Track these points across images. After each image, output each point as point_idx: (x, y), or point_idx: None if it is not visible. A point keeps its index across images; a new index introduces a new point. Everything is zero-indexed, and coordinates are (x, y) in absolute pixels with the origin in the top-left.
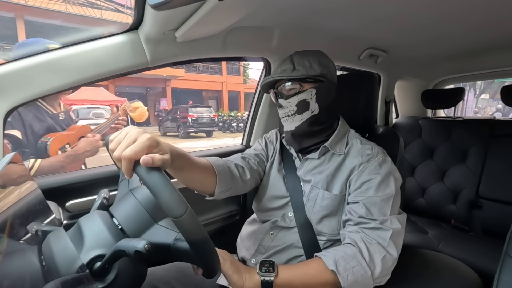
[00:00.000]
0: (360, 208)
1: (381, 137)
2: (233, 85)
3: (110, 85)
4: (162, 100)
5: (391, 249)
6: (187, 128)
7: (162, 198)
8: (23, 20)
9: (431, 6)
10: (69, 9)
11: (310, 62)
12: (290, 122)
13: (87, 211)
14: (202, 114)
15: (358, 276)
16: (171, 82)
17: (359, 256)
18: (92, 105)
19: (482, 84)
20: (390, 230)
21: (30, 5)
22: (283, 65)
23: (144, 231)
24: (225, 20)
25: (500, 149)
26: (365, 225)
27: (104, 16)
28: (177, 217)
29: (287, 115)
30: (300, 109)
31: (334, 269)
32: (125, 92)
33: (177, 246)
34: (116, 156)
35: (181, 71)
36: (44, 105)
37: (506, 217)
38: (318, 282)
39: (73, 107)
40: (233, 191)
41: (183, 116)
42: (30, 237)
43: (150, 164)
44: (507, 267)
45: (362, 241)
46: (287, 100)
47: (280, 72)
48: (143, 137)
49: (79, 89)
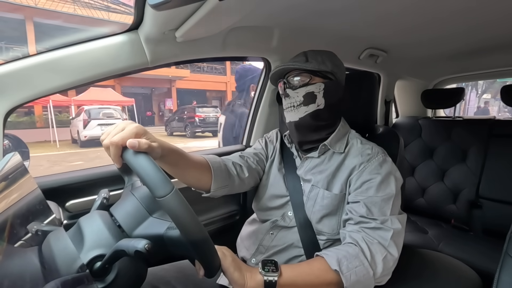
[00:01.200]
0: (361, 207)
1: (381, 137)
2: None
3: (117, 85)
4: (167, 101)
5: (392, 249)
6: (194, 128)
7: (146, 178)
8: (32, 22)
9: (431, 6)
10: (78, 11)
11: (323, 58)
12: (294, 112)
13: (87, 211)
14: (209, 114)
15: (360, 276)
16: (176, 82)
17: (362, 256)
18: (102, 106)
19: (484, 84)
20: (391, 230)
21: (40, 7)
22: (296, 57)
23: (139, 225)
24: (225, 20)
25: (500, 149)
26: (366, 224)
27: (112, 18)
28: (161, 196)
29: (293, 105)
30: (307, 100)
31: (337, 268)
32: (130, 92)
33: (169, 234)
34: (105, 144)
35: (186, 72)
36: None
37: (506, 217)
38: (321, 281)
39: (85, 107)
40: (230, 189)
41: (190, 116)
42: (30, 237)
43: (136, 148)
44: (507, 267)
45: (364, 241)
46: (294, 91)
47: (292, 63)
48: (131, 125)
49: (88, 90)
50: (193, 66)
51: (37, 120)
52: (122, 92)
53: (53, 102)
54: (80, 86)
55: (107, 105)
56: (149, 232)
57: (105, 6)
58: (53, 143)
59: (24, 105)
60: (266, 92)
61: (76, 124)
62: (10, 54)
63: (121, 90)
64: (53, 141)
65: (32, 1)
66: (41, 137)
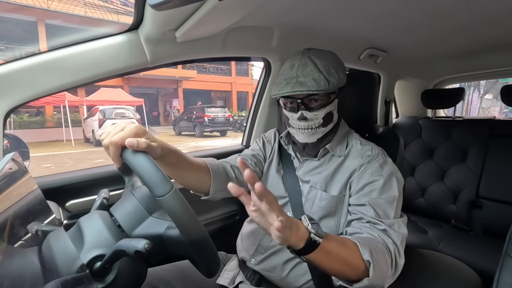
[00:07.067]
0: (368, 209)
1: (381, 137)
2: (242, 85)
3: (125, 86)
4: (174, 101)
5: (402, 253)
6: (203, 128)
7: (145, 177)
8: (44, 24)
9: (431, 6)
10: (88, 13)
11: (336, 70)
12: (311, 134)
13: (87, 211)
14: (217, 114)
15: (383, 273)
16: (182, 83)
17: (387, 254)
18: (115, 106)
19: (486, 84)
20: (400, 235)
21: (52, 9)
22: (305, 69)
23: (139, 224)
24: (225, 20)
25: (500, 149)
26: (377, 226)
27: (121, 19)
28: (161, 195)
29: (311, 127)
30: (326, 121)
31: (370, 260)
32: (137, 92)
33: (168, 234)
34: (105, 143)
35: (193, 72)
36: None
37: (506, 217)
38: (351, 263)
39: (100, 107)
40: (229, 192)
41: (199, 116)
42: (30, 237)
43: (135, 147)
44: (507, 267)
45: (383, 240)
46: (313, 113)
47: (304, 80)
48: (131, 125)
49: (99, 90)
50: (199, 66)
51: (48, 120)
52: (130, 92)
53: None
54: (80, 86)
55: (119, 105)
56: (149, 232)
57: (114, 9)
58: (66, 142)
59: (26, 104)
60: (266, 92)
61: (91, 124)
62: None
63: (129, 90)
64: (66, 140)
65: (45, 3)
66: (52, 137)
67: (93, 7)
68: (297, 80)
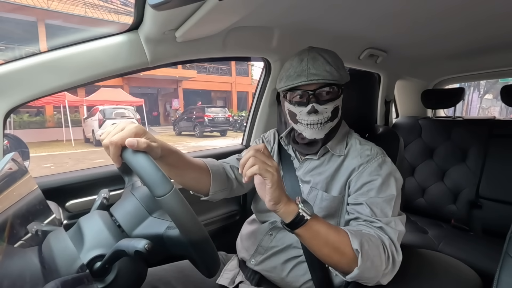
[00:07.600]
0: (365, 208)
1: (381, 137)
2: (242, 85)
3: (125, 86)
4: (174, 101)
5: (398, 249)
6: (203, 128)
7: (145, 176)
8: (44, 24)
9: (431, 6)
10: (88, 13)
11: (342, 66)
12: (319, 130)
13: (87, 211)
14: (217, 114)
15: (375, 265)
16: (182, 83)
17: (381, 248)
18: (115, 106)
19: (486, 84)
20: (396, 232)
21: (52, 9)
22: (316, 62)
23: (139, 224)
24: (225, 20)
25: (500, 149)
26: (373, 224)
27: (121, 19)
28: (161, 195)
29: (320, 122)
30: (333, 116)
31: (358, 249)
32: (137, 92)
33: (168, 234)
34: (105, 143)
35: (193, 72)
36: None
37: (506, 217)
38: (340, 249)
39: (100, 107)
40: (229, 192)
41: (199, 116)
42: (30, 237)
43: (135, 147)
44: (507, 267)
45: (380, 236)
46: (323, 106)
47: (316, 71)
48: (131, 125)
49: (99, 90)
50: (199, 66)
51: (48, 120)
52: (130, 92)
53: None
54: (80, 86)
55: (119, 105)
56: (149, 232)
57: (114, 9)
58: (66, 142)
59: (26, 104)
60: (266, 92)
61: (91, 124)
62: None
63: (129, 90)
64: (66, 140)
65: (45, 3)
66: (52, 137)
67: (93, 7)
68: (309, 72)
